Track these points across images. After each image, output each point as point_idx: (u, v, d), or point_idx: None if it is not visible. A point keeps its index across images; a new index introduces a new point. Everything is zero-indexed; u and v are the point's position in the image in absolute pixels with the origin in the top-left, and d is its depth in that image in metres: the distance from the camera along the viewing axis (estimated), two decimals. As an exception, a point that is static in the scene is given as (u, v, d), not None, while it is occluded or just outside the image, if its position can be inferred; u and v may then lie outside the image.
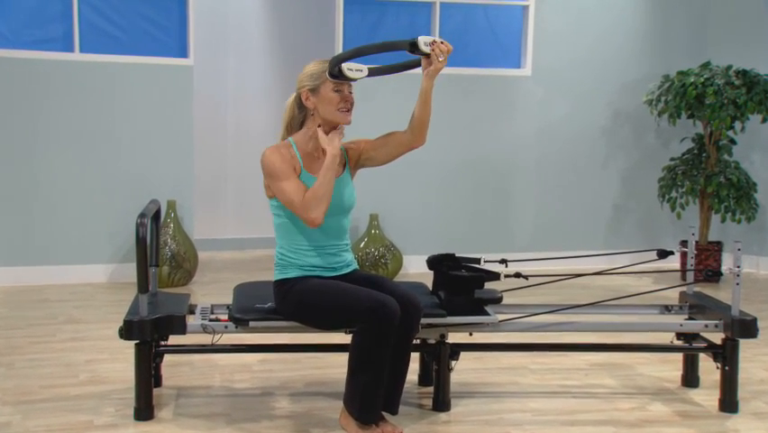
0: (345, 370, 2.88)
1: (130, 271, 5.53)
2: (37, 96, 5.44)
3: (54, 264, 5.51)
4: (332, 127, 2.98)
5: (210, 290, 5.45)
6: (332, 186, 2.87)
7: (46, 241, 5.51)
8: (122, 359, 3.73)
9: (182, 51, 5.74)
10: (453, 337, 3.22)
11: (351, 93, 2.97)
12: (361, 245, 5.93)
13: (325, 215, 2.87)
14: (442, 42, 2.85)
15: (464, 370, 3.64)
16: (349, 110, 2.96)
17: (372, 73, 2.98)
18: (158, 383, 3.39)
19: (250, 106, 7.14)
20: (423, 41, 2.84)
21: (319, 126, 2.96)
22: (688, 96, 5.80)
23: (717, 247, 6.08)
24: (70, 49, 5.48)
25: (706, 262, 6.03)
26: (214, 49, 6.93)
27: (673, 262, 6.02)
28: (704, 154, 6.13)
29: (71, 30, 5.46)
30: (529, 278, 3.29)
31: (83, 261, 5.57)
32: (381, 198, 6.00)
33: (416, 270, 6.10)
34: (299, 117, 3.04)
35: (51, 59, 5.43)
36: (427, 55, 2.86)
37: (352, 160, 3.11)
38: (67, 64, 5.46)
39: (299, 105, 3.03)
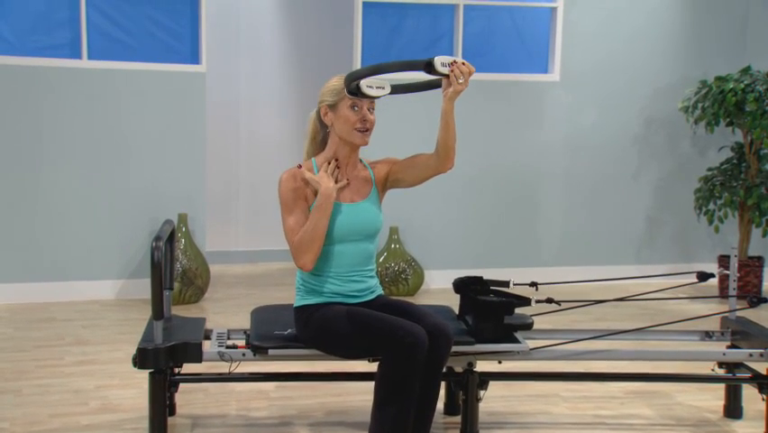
0: (367, 397, 2.88)
1: (139, 288, 5.57)
2: (43, 104, 5.48)
3: (60, 280, 5.54)
4: (351, 149, 2.99)
5: (223, 308, 5.47)
6: (321, 228, 2.87)
7: (51, 256, 5.55)
8: (133, 385, 3.75)
9: (194, 57, 5.77)
10: (482, 365, 3.21)
11: (371, 112, 2.96)
12: (381, 260, 5.94)
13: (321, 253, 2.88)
14: (463, 63, 2.79)
15: (493, 397, 3.63)
16: (367, 130, 2.96)
17: (395, 91, 2.96)
18: (172, 412, 3.41)
19: (264, 114, 7.16)
20: (440, 61, 2.77)
21: (299, 167, 2.94)
22: (727, 102, 5.77)
23: (759, 263, 6.04)
24: (78, 55, 5.51)
25: (746, 279, 5.99)
26: (227, 54, 6.95)
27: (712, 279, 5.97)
28: (744, 164, 6.10)
29: (78, 36, 5.49)
30: (561, 303, 3.28)
31: (90, 277, 5.61)
32: (402, 210, 5.99)
33: (438, 285, 6.10)
34: (321, 133, 3.05)
35: (58, 67, 5.47)
36: (446, 76, 2.81)
37: (379, 182, 3.10)
38: (74, 71, 5.50)
39: (320, 120, 3.04)
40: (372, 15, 6.12)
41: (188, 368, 3.20)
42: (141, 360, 2.98)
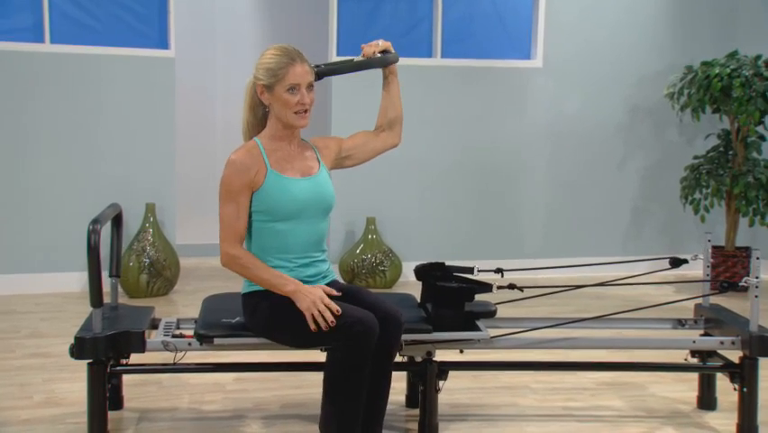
0: (325, 390, 2.77)
1: (105, 280, 5.44)
2: (3, 90, 5.35)
3: (23, 273, 5.43)
4: (292, 129, 2.90)
5: (192, 300, 5.35)
6: (257, 281, 2.81)
7: (14, 247, 5.42)
8: (82, 378, 3.60)
9: (163, 42, 5.65)
10: (443, 355, 3.10)
11: (309, 91, 2.86)
12: (357, 251, 5.82)
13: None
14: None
15: (458, 389, 3.53)
16: (306, 111, 2.86)
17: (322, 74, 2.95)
18: (119, 405, 3.31)
19: (239, 101, 7.02)
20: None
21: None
22: (713, 88, 5.66)
23: (746, 253, 5.92)
24: (40, 39, 5.39)
25: (733, 270, 5.88)
26: (200, 39, 6.84)
27: (697, 270, 5.86)
28: (731, 152, 5.99)
29: (41, 19, 5.37)
30: (524, 289, 3.16)
31: (54, 269, 5.49)
32: (379, 199, 5.88)
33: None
34: (261, 109, 2.96)
35: (19, 51, 5.35)
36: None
37: (327, 160, 3.02)
38: (36, 56, 5.38)
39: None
40: (349, 1, 6.00)
41: (137, 358, 3.08)
42: (78, 350, 2.88)
